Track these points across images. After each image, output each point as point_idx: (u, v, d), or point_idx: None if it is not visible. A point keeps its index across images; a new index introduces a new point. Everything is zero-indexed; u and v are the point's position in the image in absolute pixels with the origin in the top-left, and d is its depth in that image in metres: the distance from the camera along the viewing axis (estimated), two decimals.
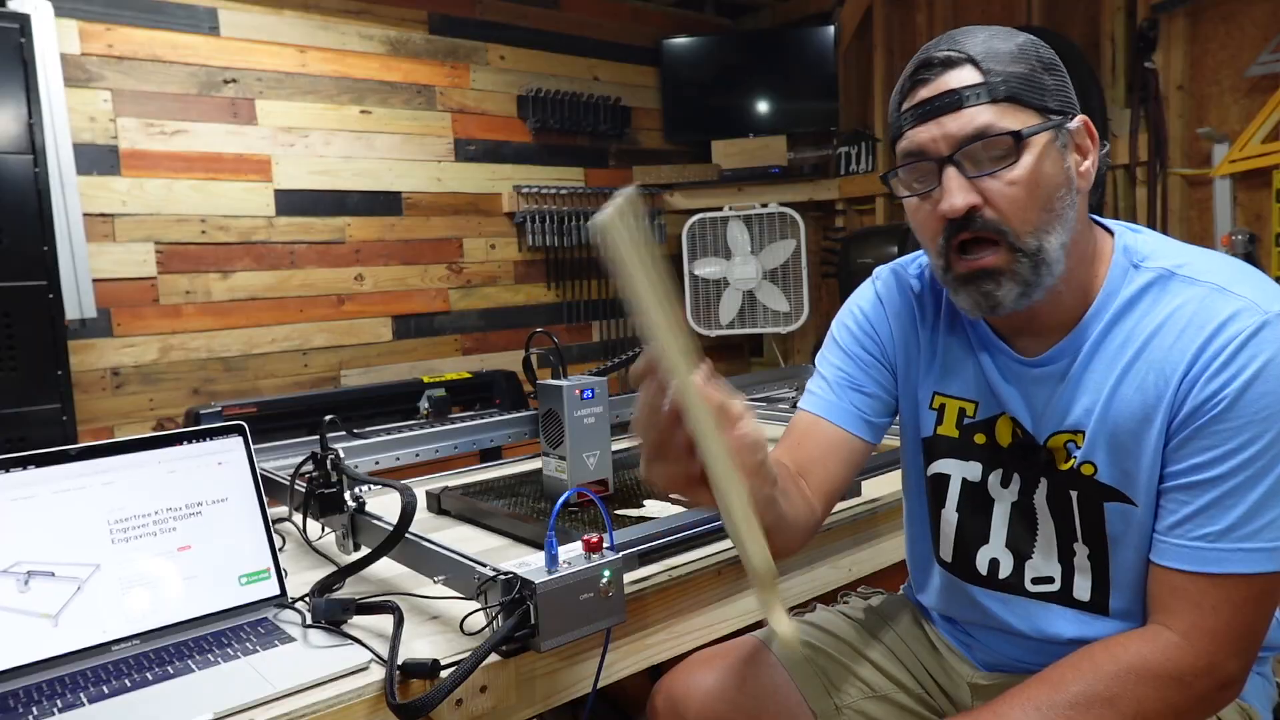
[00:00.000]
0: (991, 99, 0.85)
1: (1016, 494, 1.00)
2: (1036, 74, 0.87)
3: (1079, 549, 0.96)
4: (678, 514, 1.28)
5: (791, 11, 4.02)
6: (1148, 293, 0.90)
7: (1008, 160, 0.86)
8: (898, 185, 0.94)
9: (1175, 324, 0.87)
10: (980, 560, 1.04)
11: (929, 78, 0.89)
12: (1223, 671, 0.85)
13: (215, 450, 1.12)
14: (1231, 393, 0.82)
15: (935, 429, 1.06)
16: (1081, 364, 0.92)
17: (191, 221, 2.70)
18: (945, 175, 0.87)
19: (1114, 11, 2.93)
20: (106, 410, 2.55)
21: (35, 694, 0.89)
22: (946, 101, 0.87)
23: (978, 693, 1.09)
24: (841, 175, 3.80)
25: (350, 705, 0.88)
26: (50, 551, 0.98)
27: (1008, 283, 0.88)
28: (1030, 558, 1.00)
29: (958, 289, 0.91)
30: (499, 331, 3.43)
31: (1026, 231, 0.86)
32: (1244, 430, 0.82)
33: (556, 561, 0.96)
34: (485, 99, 3.34)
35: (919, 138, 0.89)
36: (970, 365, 1.02)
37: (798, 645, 1.12)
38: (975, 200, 0.86)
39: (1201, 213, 2.82)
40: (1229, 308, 0.84)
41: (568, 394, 1.38)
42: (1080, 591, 0.96)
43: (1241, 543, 0.83)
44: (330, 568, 1.16)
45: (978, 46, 0.87)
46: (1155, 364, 0.87)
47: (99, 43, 2.52)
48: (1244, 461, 0.83)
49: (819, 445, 1.07)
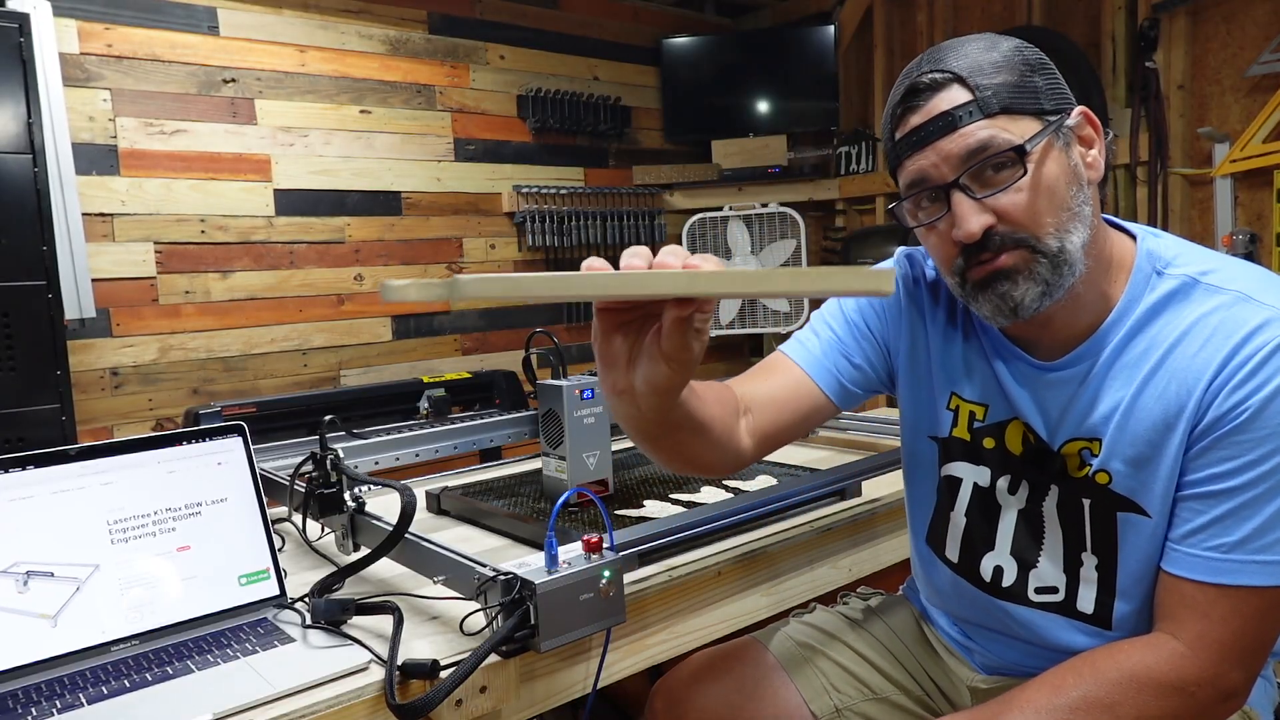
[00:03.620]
0: (985, 114, 0.83)
1: (1025, 501, 0.99)
2: (1026, 78, 0.85)
3: (1087, 559, 0.94)
4: (678, 514, 1.28)
5: (791, 11, 4.02)
6: (1172, 300, 0.88)
7: (1015, 174, 0.84)
8: (905, 215, 0.92)
9: (1200, 332, 0.85)
10: (985, 567, 1.03)
11: (918, 104, 0.87)
12: (1226, 682, 0.84)
13: (215, 450, 1.12)
14: (1256, 404, 0.81)
15: (951, 430, 1.05)
16: (1101, 371, 0.90)
17: (191, 221, 2.69)
18: (954, 201, 0.85)
19: (1115, 11, 2.93)
20: (106, 410, 2.55)
21: (34, 694, 0.89)
22: (940, 125, 0.85)
23: (977, 696, 1.09)
24: (842, 175, 3.79)
25: (350, 706, 0.88)
26: (49, 552, 0.98)
27: (1025, 282, 0.85)
28: (1035, 566, 0.98)
29: (976, 296, 0.89)
30: (499, 331, 3.43)
31: (1047, 234, 0.85)
32: (1266, 442, 0.81)
33: (556, 562, 0.96)
34: (485, 99, 3.34)
35: (919, 164, 0.87)
36: (982, 367, 1.01)
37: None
38: (989, 221, 0.85)
39: (1202, 213, 2.82)
40: (1257, 317, 0.83)
41: (568, 394, 1.38)
42: (1084, 604, 0.95)
43: (1255, 555, 0.82)
44: (330, 568, 1.16)
45: (962, 62, 0.85)
46: (1178, 373, 0.86)
47: (98, 42, 2.51)
48: (1263, 474, 0.82)
49: (785, 390, 1.05)
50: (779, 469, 1.60)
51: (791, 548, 1.32)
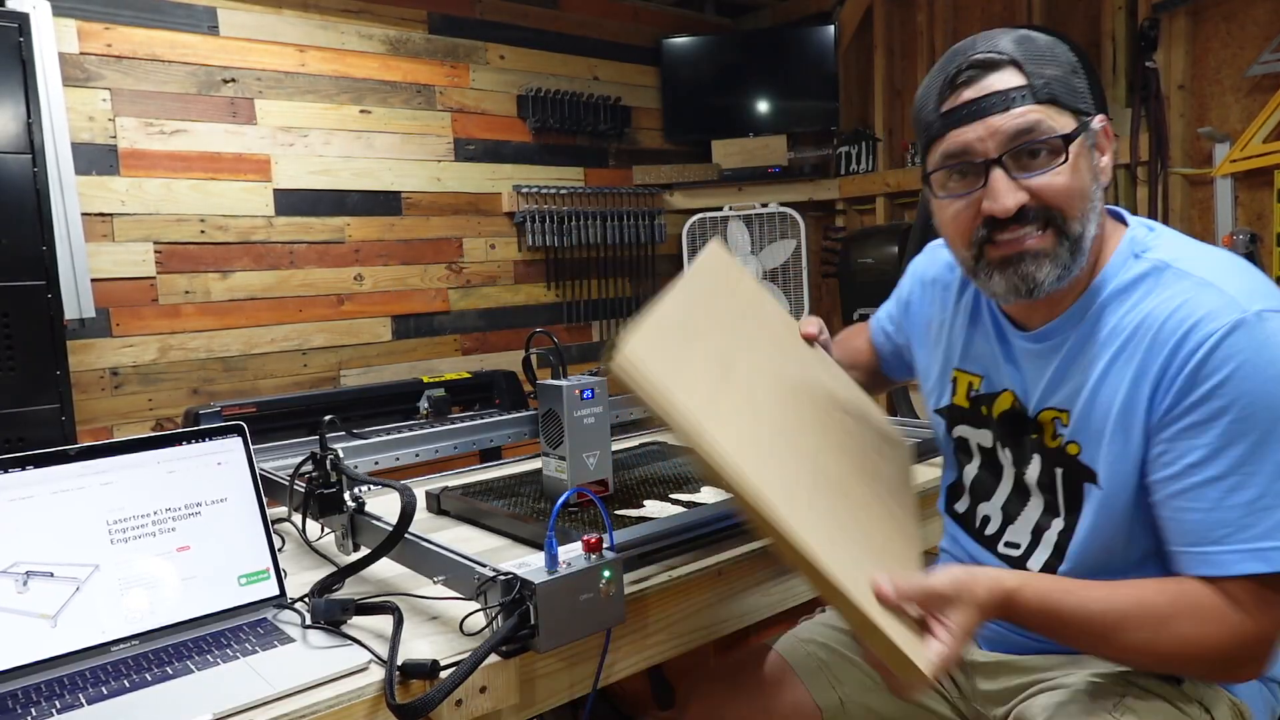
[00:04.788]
0: (1036, 100, 0.88)
1: (1013, 466, 1.05)
2: (1069, 76, 0.91)
3: (1055, 524, 0.99)
4: (678, 514, 1.28)
5: (791, 11, 4.02)
6: (1142, 283, 0.91)
7: (1055, 160, 0.89)
8: (935, 186, 0.96)
9: (1158, 317, 0.88)
10: (978, 513, 1.10)
11: (973, 79, 0.91)
12: (1269, 642, 0.84)
13: (214, 450, 1.12)
14: (1207, 388, 0.83)
15: (951, 399, 1.13)
16: (1075, 345, 0.95)
17: (191, 221, 2.69)
18: (992, 176, 0.89)
19: (1115, 11, 2.93)
20: (105, 410, 2.55)
21: (34, 695, 0.89)
22: (994, 101, 0.89)
23: (978, 670, 1.11)
24: (842, 175, 3.79)
25: (350, 706, 0.88)
26: (49, 552, 0.98)
27: (1049, 264, 0.90)
28: (1014, 523, 1.05)
29: (992, 274, 0.93)
30: (499, 331, 3.43)
31: (1074, 218, 0.90)
32: (1228, 427, 0.83)
33: (556, 562, 0.95)
34: (485, 99, 3.34)
35: (965, 137, 0.91)
36: (981, 342, 1.08)
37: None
38: (1023, 199, 0.89)
39: (1202, 212, 2.82)
40: (1207, 305, 0.85)
41: (568, 394, 1.38)
42: (1034, 564, 1.01)
43: (1245, 543, 0.83)
44: (330, 568, 1.16)
45: (1016, 49, 0.91)
46: (1138, 357, 0.89)
47: (98, 42, 2.51)
48: (1237, 460, 0.82)
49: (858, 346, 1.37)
50: None
51: None
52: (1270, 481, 0.82)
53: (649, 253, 3.78)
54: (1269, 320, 0.83)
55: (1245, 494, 0.83)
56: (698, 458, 0.77)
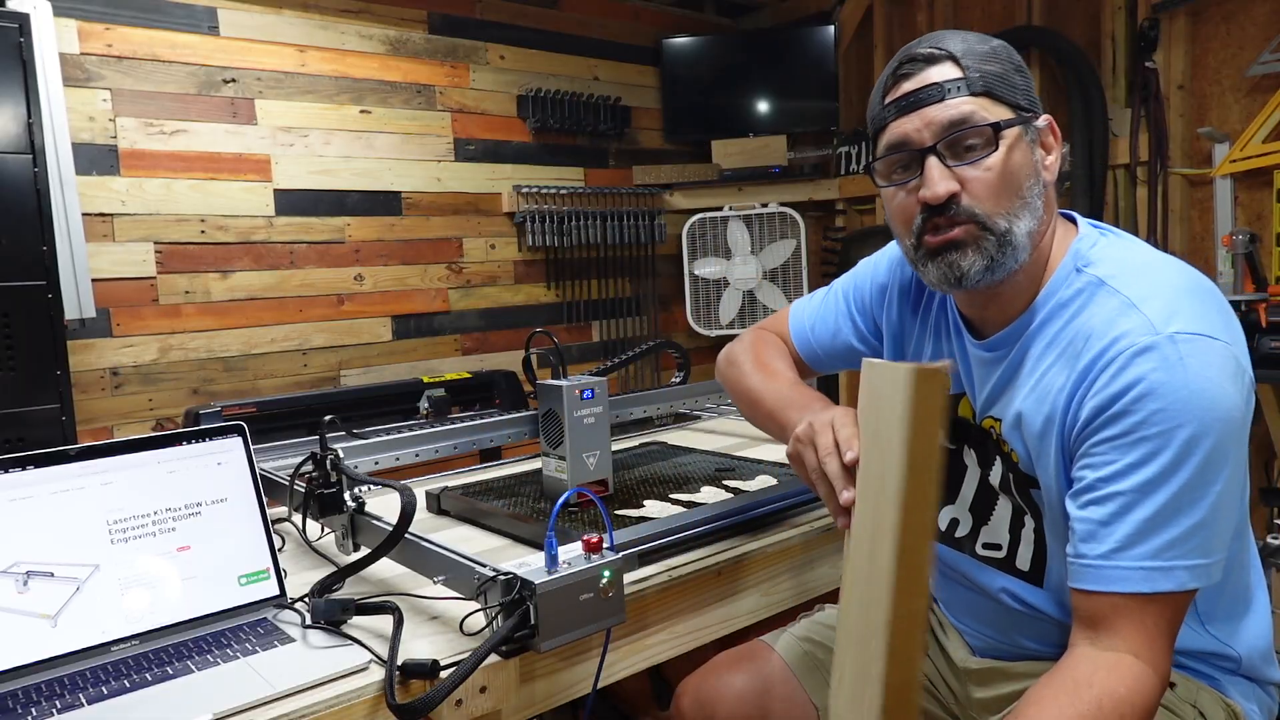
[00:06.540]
0: (970, 92, 0.92)
1: (978, 468, 1.05)
2: (1009, 73, 0.94)
3: (1029, 522, 1.00)
4: (678, 514, 1.28)
5: (791, 11, 4.02)
6: (1077, 299, 0.93)
7: (985, 150, 0.91)
8: (878, 175, 0.99)
9: (1084, 335, 0.90)
10: (945, 516, 1.10)
11: (912, 72, 0.94)
12: (1167, 672, 0.84)
13: (215, 450, 1.12)
14: (1117, 409, 0.84)
15: None
16: (1015, 357, 0.97)
17: (191, 221, 2.69)
18: (927, 165, 0.92)
19: (1114, 11, 2.93)
20: (105, 410, 2.55)
21: (34, 695, 0.89)
22: (930, 93, 0.92)
23: (971, 677, 1.11)
24: (841, 175, 3.79)
25: (350, 706, 0.88)
26: (49, 552, 0.98)
27: (973, 254, 0.92)
28: (987, 524, 1.05)
29: (926, 263, 0.96)
30: (499, 331, 3.43)
31: (999, 214, 0.91)
32: (1137, 446, 0.82)
33: (556, 562, 0.96)
34: (485, 99, 3.34)
35: (903, 128, 0.94)
36: (945, 347, 1.10)
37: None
38: (955, 187, 0.91)
39: (1202, 213, 2.82)
40: (1124, 326, 0.86)
41: (568, 394, 1.38)
42: (1022, 562, 1.01)
43: (1143, 561, 0.82)
44: (330, 568, 1.16)
45: (957, 45, 0.94)
46: (1060, 374, 0.91)
47: (98, 42, 2.51)
48: (1147, 481, 0.82)
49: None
50: (779, 469, 1.60)
51: (792, 547, 1.32)
52: (1167, 500, 0.81)
53: (649, 253, 3.78)
54: (1182, 343, 0.82)
55: (1142, 511, 0.82)
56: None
